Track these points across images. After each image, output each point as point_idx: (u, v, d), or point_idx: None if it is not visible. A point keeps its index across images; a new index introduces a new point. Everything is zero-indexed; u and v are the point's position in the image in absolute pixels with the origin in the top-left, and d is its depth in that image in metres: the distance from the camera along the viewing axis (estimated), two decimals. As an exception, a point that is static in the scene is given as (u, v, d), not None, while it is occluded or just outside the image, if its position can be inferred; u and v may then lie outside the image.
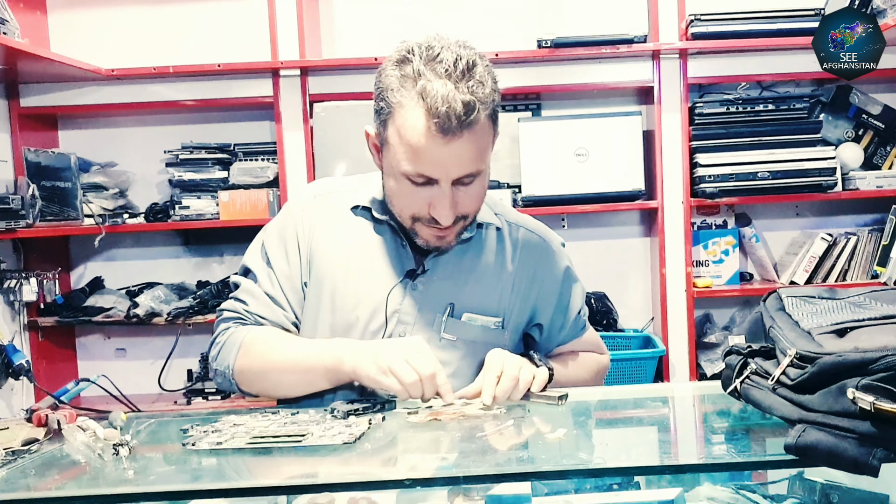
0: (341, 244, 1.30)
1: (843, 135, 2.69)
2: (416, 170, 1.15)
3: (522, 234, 1.35)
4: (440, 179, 1.16)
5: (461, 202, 1.19)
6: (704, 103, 2.58)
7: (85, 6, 2.74)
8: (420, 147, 1.13)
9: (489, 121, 1.17)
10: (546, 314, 1.35)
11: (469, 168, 1.16)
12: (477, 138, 1.15)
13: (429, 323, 1.27)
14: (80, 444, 1.04)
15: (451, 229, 1.22)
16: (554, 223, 2.80)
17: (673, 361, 2.57)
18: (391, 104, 1.15)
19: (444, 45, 1.15)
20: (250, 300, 1.30)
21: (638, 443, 1.08)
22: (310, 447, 0.99)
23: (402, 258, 1.29)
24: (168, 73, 2.53)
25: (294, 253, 1.30)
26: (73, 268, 2.83)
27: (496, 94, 1.17)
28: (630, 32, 2.46)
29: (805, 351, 0.97)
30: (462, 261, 1.30)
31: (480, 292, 1.29)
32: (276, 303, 1.29)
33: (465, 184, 1.18)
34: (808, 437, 0.87)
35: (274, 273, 1.30)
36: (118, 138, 2.80)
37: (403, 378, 1.10)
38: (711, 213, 2.76)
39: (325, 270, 1.29)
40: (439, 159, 1.14)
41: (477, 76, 1.13)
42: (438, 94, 1.10)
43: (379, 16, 2.76)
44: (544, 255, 1.35)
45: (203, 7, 2.75)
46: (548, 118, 2.71)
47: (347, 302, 1.28)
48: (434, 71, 1.12)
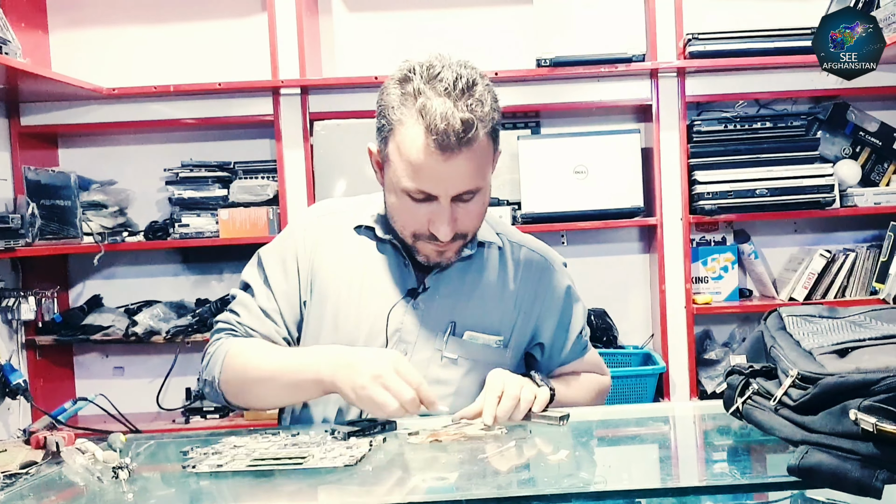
0: (344, 263, 1.30)
1: (841, 152, 2.70)
2: (415, 186, 1.16)
3: (524, 253, 1.36)
4: (439, 196, 1.17)
5: (461, 219, 1.20)
6: (702, 121, 2.59)
7: (86, 26, 2.75)
8: (419, 164, 1.14)
9: (489, 139, 1.18)
10: (548, 333, 1.35)
11: (468, 185, 1.17)
12: (476, 156, 1.16)
13: (430, 341, 1.27)
14: (79, 466, 1.03)
15: (451, 245, 1.23)
16: (553, 240, 2.80)
17: (673, 378, 2.57)
18: (392, 121, 1.17)
19: (445, 64, 1.17)
20: (243, 312, 1.31)
21: (640, 464, 1.07)
22: (311, 469, 0.98)
23: (405, 277, 1.29)
24: (168, 91, 2.54)
25: (293, 272, 1.30)
26: (72, 286, 2.82)
27: (496, 113, 1.18)
28: (628, 51, 2.48)
29: (807, 371, 0.97)
30: (464, 279, 1.30)
31: (482, 311, 1.30)
32: (269, 317, 1.30)
33: (465, 201, 1.19)
34: (810, 458, 0.87)
35: (270, 289, 1.30)
36: (118, 157, 2.80)
37: (385, 408, 1.09)
38: (710, 229, 2.76)
39: (327, 290, 1.29)
40: (438, 176, 1.15)
41: (476, 94, 1.15)
42: (437, 112, 1.12)
43: (379, 35, 2.78)
44: (546, 275, 1.35)
45: (204, 26, 2.77)
46: (547, 136, 2.72)
47: (349, 321, 1.28)
48: (434, 89, 1.14)
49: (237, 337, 1.30)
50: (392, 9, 2.79)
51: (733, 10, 2.72)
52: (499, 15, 2.77)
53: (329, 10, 2.80)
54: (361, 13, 2.80)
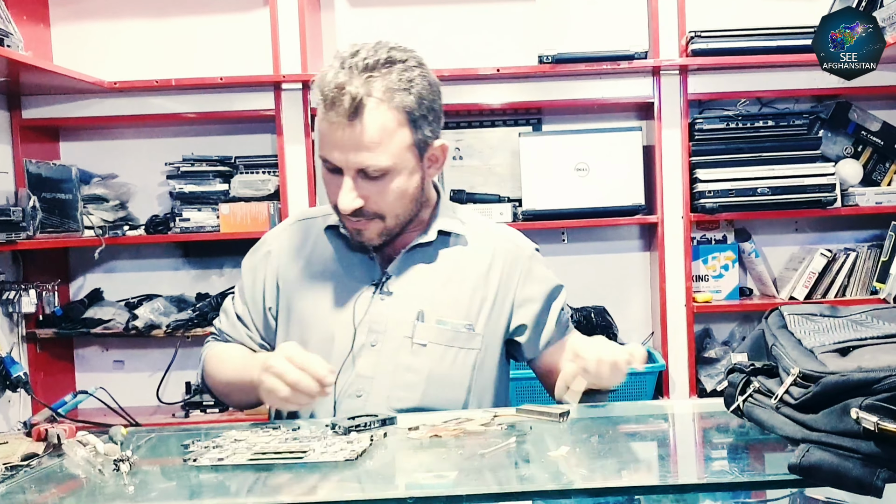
0: (311, 266, 1.35)
1: (843, 151, 2.70)
2: (322, 153, 1.23)
3: (494, 241, 1.39)
4: (342, 166, 1.21)
5: (371, 198, 1.23)
6: (704, 119, 2.59)
7: (88, 19, 2.75)
8: (320, 131, 1.21)
9: (397, 118, 1.20)
10: (528, 315, 1.37)
11: (365, 160, 1.20)
12: (374, 133, 1.19)
13: (400, 329, 1.30)
14: (81, 459, 1.03)
15: (367, 225, 1.26)
16: (554, 237, 2.80)
17: (673, 376, 2.57)
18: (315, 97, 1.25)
19: (373, 46, 1.22)
20: (223, 319, 1.42)
21: (641, 461, 1.08)
22: (311, 464, 0.99)
23: (370, 270, 1.33)
24: (170, 85, 2.54)
25: (260, 280, 1.38)
26: (73, 279, 2.82)
27: (412, 98, 1.20)
28: (630, 49, 2.48)
29: (808, 370, 0.97)
30: (430, 268, 1.34)
31: (450, 298, 1.33)
32: (242, 322, 1.39)
33: (372, 178, 1.22)
34: (811, 457, 0.87)
35: (244, 296, 1.39)
36: (119, 150, 2.80)
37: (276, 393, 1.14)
38: (711, 228, 2.76)
39: (294, 294, 1.35)
40: (333, 143, 1.20)
41: (385, 74, 1.18)
42: (331, 82, 1.17)
43: (381, 30, 2.77)
44: (519, 261, 1.38)
45: (206, 21, 2.76)
46: (548, 133, 2.72)
47: (319, 320, 1.32)
48: (341, 64, 1.19)
49: (218, 341, 1.42)
50: (394, 4, 2.79)
51: (736, 8, 2.72)
52: (501, 11, 2.76)
53: (331, 5, 2.80)
54: (363, 8, 2.80)
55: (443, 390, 1.30)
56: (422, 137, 1.24)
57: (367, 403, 1.28)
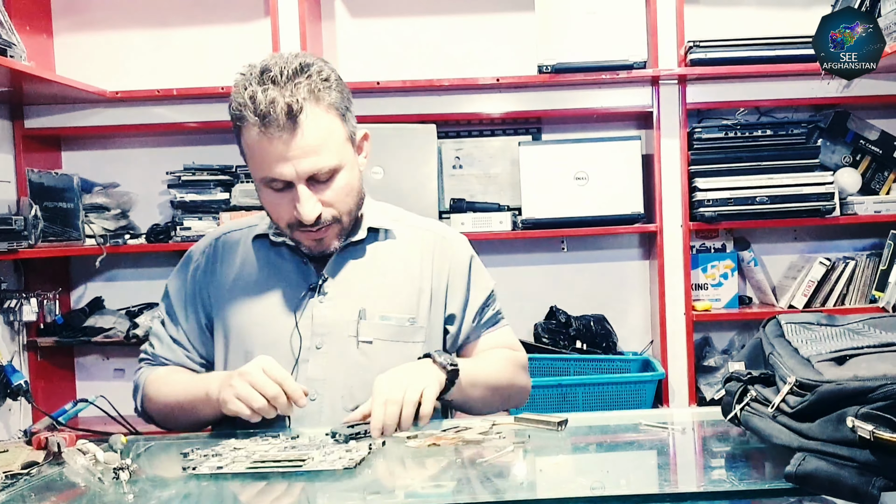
0: (243, 278, 1.35)
1: (841, 160, 2.71)
2: (266, 174, 1.23)
3: (423, 234, 1.41)
4: (292, 179, 1.21)
5: (327, 200, 1.25)
6: (703, 128, 2.60)
7: (90, 30, 2.77)
8: (262, 152, 1.21)
9: (333, 118, 1.23)
10: (456, 305, 1.39)
11: (316, 164, 1.21)
12: (316, 134, 1.21)
13: (344, 329, 1.31)
14: (80, 467, 1.04)
15: (326, 231, 1.27)
16: (554, 246, 2.81)
17: (672, 385, 2.57)
18: (236, 123, 1.24)
19: (277, 60, 1.23)
20: (157, 343, 1.39)
21: (638, 469, 1.08)
22: (310, 472, 0.99)
23: (306, 275, 1.34)
24: (171, 95, 2.55)
25: (192, 298, 1.37)
26: (74, 288, 2.83)
27: (335, 93, 1.23)
28: (630, 58, 2.49)
29: (804, 379, 0.97)
30: (365, 266, 1.35)
31: (389, 293, 1.35)
32: (179, 344, 1.37)
33: (323, 181, 1.24)
34: (807, 465, 0.87)
35: (175, 319, 1.38)
36: (121, 159, 2.81)
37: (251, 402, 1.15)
38: (710, 236, 2.77)
39: (228, 307, 1.34)
40: (281, 158, 1.20)
41: (305, 77, 1.20)
42: (263, 100, 1.18)
43: (381, 41, 2.79)
44: (447, 251, 1.41)
45: (207, 31, 2.78)
46: (548, 142, 2.73)
47: (259, 329, 1.32)
48: (262, 83, 1.19)
49: (153, 367, 1.39)
50: (394, 15, 2.80)
51: (734, 18, 2.73)
52: (500, 21, 2.78)
53: (332, 15, 2.81)
54: (364, 19, 2.81)
55: None
56: (351, 129, 1.28)
57: (322, 406, 1.29)
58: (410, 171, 2.46)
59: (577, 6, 2.48)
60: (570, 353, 2.60)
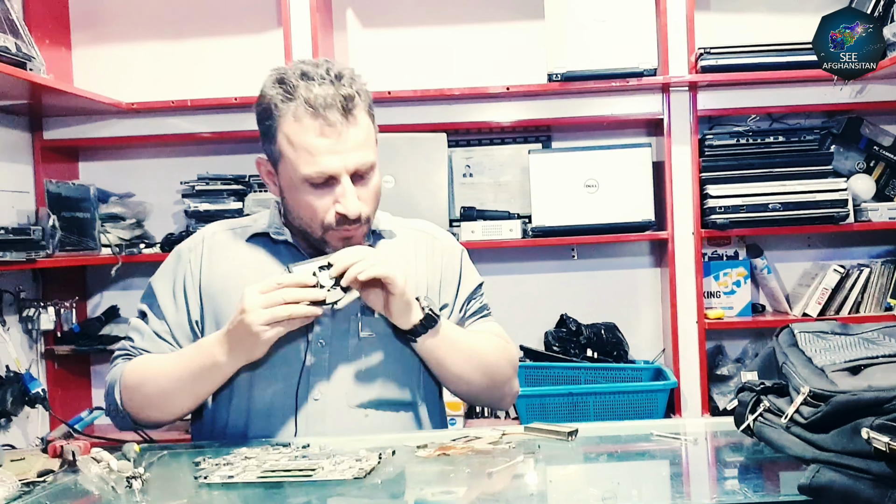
0: (238, 275, 1.33)
1: (855, 166, 2.69)
2: (315, 170, 1.23)
3: (416, 234, 1.45)
4: (338, 174, 1.23)
5: (363, 198, 1.27)
6: (714, 135, 2.59)
7: (107, 43, 2.80)
8: (310, 145, 1.22)
9: (368, 117, 1.28)
10: (449, 294, 1.42)
11: (362, 158, 1.25)
12: (362, 130, 1.24)
13: (345, 325, 1.32)
14: (94, 475, 1.05)
15: (358, 230, 1.29)
16: (564, 253, 2.80)
17: (685, 394, 2.55)
18: (277, 118, 1.25)
19: (310, 63, 1.27)
20: (136, 337, 1.36)
21: (649, 480, 1.07)
22: (320, 481, 0.99)
23: None
24: (186, 106, 2.57)
25: (181, 294, 1.35)
26: (90, 297, 2.85)
27: (370, 97, 1.29)
28: (640, 66, 2.49)
29: (818, 389, 0.97)
30: None
31: None
32: (162, 338, 1.34)
33: (362, 177, 1.26)
34: (822, 477, 0.87)
35: (162, 314, 1.35)
36: (136, 170, 2.84)
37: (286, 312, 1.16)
38: (722, 244, 2.75)
39: (222, 303, 1.33)
40: (330, 151, 1.22)
41: (347, 77, 1.25)
42: (319, 94, 1.21)
43: (392, 51, 2.80)
44: (439, 249, 1.44)
45: (220, 42, 2.80)
46: (558, 150, 2.73)
47: None
48: (310, 81, 1.23)
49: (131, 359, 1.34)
50: (405, 25, 2.82)
51: (745, 25, 2.72)
52: (510, 30, 2.78)
53: (343, 26, 2.83)
54: (375, 29, 2.83)
55: (397, 380, 1.32)
56: (376, 133, 1.32)
57: (326, 406, 1.28)
58: (421, 180, 2.47)
59: (586, 14, 2.48)
60: (581, 362, 2.59)
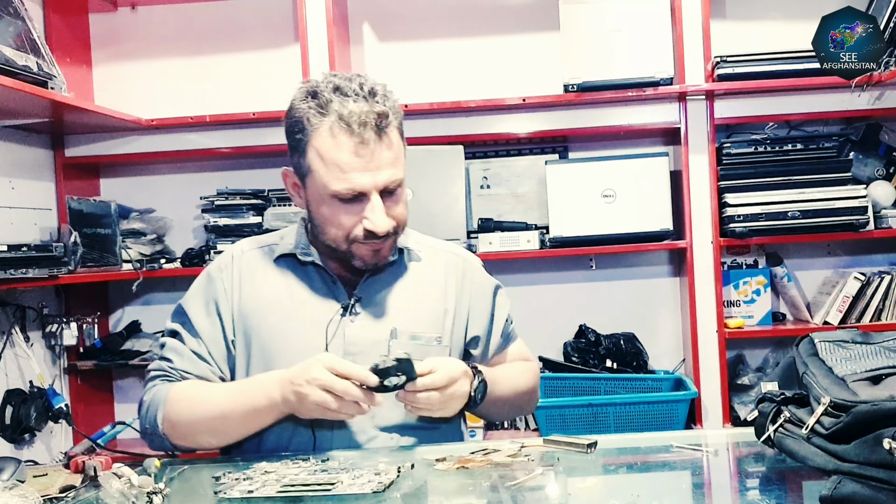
0: (267, 296, 1.35)
1: (874, 173, 2.66)
2: (345, 186, 1.24)
3: (443, 256, 1.44)
4: (368, 190, 1.24)
5: (391, 212, 1.28)
6: (732, 143, 2.58)
7: (127, 60, 2.85)
8: (345, 163, 1.23)
9: (399, 133, 1.28)
10: (481, 325, 1.43)
11: (392, 175, 1.25)
12: (393, 147, 1.25)
13: (376, 349, 1.32)
14: (115, 491, 1.06)
15: (385, 243, 1.30)
16: (582, 264, 2.80)
17: (705, 404, 2.53)
18: (309, 133, 1.25)
19: (343, 77, 1.27)
20: (175, 357, 1.35)
21: (670, 493, 1.07)
22: (340, 496, 1.00)
23: (336, 293, 1.35)
24: (205, 122, 2.61)
25: (215, 313, 1.35)
26: (112, 312, 2.89)
27: (401, 114, 1.30)
28: (656, 75, 2.48)
29: (839, 399, 0.96)
30: (394, 285, 1.37)
31: (417, 313, 1.36)
32: (201, 358, 1.34)
33: (391, 192, 1.27)
34: (843, 488, 0.86)
35: (197, 334, 1.35)
36: (156, 185, 2.88)
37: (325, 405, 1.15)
38: (742, 252, 2.73)
39: (252, 325, 1.34)
40: (362, 168, 1.23)
41: (380, 95, 1.26)
42: (353, 111, 1.22)
43: (408, 64, 2.82)
44: (468, 272, 1.44)
45: (238, 58, 2.84)
46: (575, 160, 2.73)
47: (287, 347, 1.31)
48: (343, 95, 1.24)
49: (172, 382, 1.34)
50: (420, 38, 2.84)
51: (761, 32, 2.71)
52: (526, 41, 2.79)
53: (360, 40, 2.86)
54: (391, 43, 2.86)
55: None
56: (405, 147, 1.33)
57: (352, 424, 1.29)
58: (439, 192, 2.48)
59: (602, 24, 2.49)
60: (601, 373, 2.58)
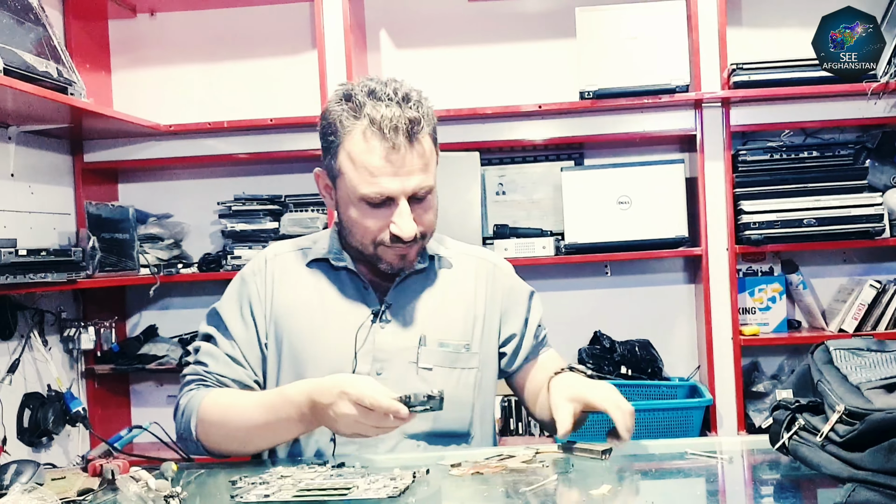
0: (300, 300, 1.35)
1: (890, 181, 2.64)
2: (374, 190, 1.24)
3: (475, 261, 1.44)
4: (397, 196, 1.24)
5: (419, 219, 1.28)
6: (748, 151, 2.57)
7: (146, 66, 2.88)
8: (375, 167, 1.23)
9: (431, 140, 1.28)
10: (515, 326, 1.42)
11: (421, 182, 1.25)
12: (424, 153, 1.25)
13: (404, 356, 1.32)
14: (133, 494, 1.07)
15: (412, 248, 1.30)
16: (597, 270, 2.80)
17: (720, 411, 2.52)
18: (341, 136, 1.26)
19: (379, 81, 1.28)
20: (211, 361, 1.35)
21: (685, 500, 1.07)
22: (355, 500, 1.01)
23: (366, 299, 1.36)
24: (222, 128, 2.64)
25: (249, 316, 1.36)
26: (129, 316, 2.92)
27: (434, 120, 1.30)
28: (672, 82, 2.48)
29: (854, 407, 0.96)
30: (423, 292, 1.37)
31: (446, 320, 1.36)
32: (237, 362, 1.34)
33: (420, 199, 1.27)
34: (858, 496, 0.86)
35: (232, 337, 1.35)
36: (174, 191, 2.91)
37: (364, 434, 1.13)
38: (757, 259, 2.72)
39: (284, 329, 1.34)
40: (392, 173, 1.23)
41: (414, 100, 1.25)
42: (386, 116, 1.22)
43: (425, 71, 2.84)
44: (499, 277, 1.44)
45: (256, 64, 2.87)
46: (590, 167, 2.73)
47: (317, 353, 1.32)
48: (377, 100, 1.24)
49: (208, 387, 1.33)
50: (437, 45, 2.85)
51: (777, 40, 2.71)
52: (542, 48, 2.80)
53: (377, 47, 2.88)
54: (408, 50, 2.87)
55: (451, 412, 1.30)
56: (438, 154, 1.32)
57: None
58: (455, 198, 2.49)
59: (618, 31, 2.49)
60: (615, 379, 2.57)
